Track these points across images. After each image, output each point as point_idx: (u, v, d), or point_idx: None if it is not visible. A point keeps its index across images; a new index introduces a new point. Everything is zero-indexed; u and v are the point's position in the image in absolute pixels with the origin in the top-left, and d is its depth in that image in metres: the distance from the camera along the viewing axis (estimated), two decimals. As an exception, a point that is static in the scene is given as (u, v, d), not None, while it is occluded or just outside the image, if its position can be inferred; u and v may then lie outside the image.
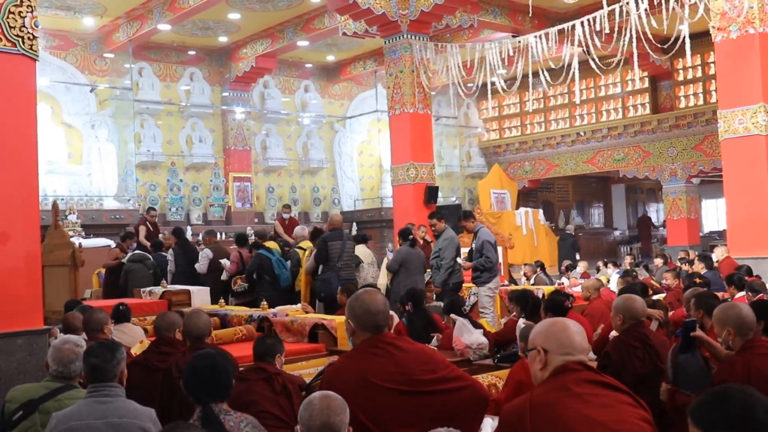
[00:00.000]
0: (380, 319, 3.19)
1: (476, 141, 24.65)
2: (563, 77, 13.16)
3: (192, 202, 19.35)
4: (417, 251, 9.97)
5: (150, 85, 18.98)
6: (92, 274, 12.33)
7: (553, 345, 2.70)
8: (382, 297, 3.28)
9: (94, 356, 3.43)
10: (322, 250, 9.60)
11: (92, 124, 18.04)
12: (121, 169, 18.29)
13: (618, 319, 4.59)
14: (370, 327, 3.18)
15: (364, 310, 3.20)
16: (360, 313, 3.20)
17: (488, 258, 9.09)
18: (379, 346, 3.13)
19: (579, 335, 2.74)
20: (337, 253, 9.62)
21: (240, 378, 4.05)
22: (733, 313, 3.90)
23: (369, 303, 3.20)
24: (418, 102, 15.38)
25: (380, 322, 3.19)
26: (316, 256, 9.69)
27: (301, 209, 21.29)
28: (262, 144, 21.06)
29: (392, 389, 3.02)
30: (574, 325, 2.79)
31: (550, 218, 23.99)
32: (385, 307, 3.23)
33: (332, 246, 9.62)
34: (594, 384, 2.63)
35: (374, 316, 3.18)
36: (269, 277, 9.97)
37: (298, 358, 6.21)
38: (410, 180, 15.50)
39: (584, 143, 21.87)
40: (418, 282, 9.44)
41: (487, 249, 9.11)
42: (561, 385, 2.60)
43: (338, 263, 9.58)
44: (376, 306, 3.20)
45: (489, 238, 9.17)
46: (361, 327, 3.20)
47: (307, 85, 21.97)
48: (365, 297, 3.24)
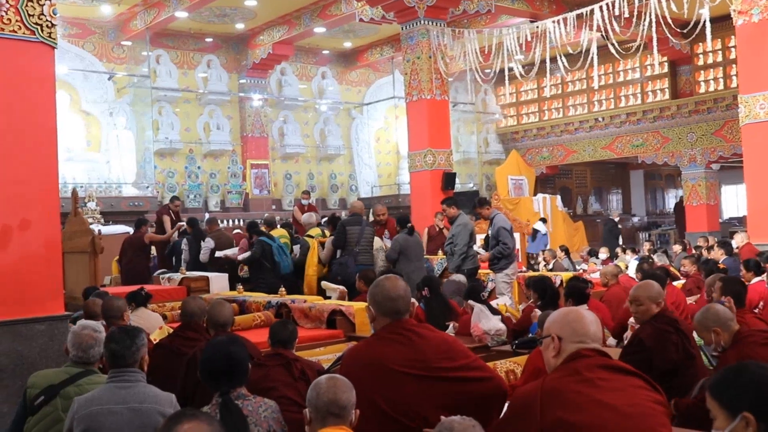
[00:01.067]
0: (401, 304, 3.19)
1: (494, 127, 24.55)
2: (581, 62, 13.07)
3: (210, 189, 19.41)
4: (415, 238, 9.95)
5: (167, 73, 19.03)
6: (112, 260, 12.41)
7: (567, 333, 2.72)
8: (404, 283, 3.27)
9: (114, 342, 3.45)
10: (340, 234, 9.64)
11: (110, 111, 18.12)
12: (140, 157, 18.37)
13: (644, 308, 4.50)
14: (390, 312, 3.18)
15: (384, 295, 3.19)
16: (380, 299, 3.20)
17: (505, 244, 9.07)
18: (399, 332, 3.13)
19: (594, 324, 2.76)
20: (355, 238, 9.65)
21: (258, 364, 4.07)
22: (710, 314, 4.02)
23: (389, 288, 3.20)
24: (436, 88, 15.32)
25: (400, 308, 3.18)
26: (335, 240, 9.73)
27: (319, 196, 21.31)
28: (280, 131, 21.08)
29: (411, 375, 3.02)
30: (589, 314, 2.82)
31: (568, 204, 23.90)
32: (405, 293, 3.22)
33: (351, 231, 9.65)
34: (605, 368, 2.65)
35: (395, 301, 3.18)
36: (269, 264, 10.02)
37: (317, 344, 6.23)
38: (427, 166, 15.46)
39: (602, 129, 21.73)
40: (417, 269, 9.43)
41: (503, 235, 9.09)
42: (572, 371, 2.62)
43: (356, 248, 9.62)
44: (396, 292, 3.19)
45: (504, 224, 9.13)
46: (382, 312, 3.20)
47: (324, 71, 21.94)
48: (386, 283, 3.24)
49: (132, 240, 11.65)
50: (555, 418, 2.49)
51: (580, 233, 21.08)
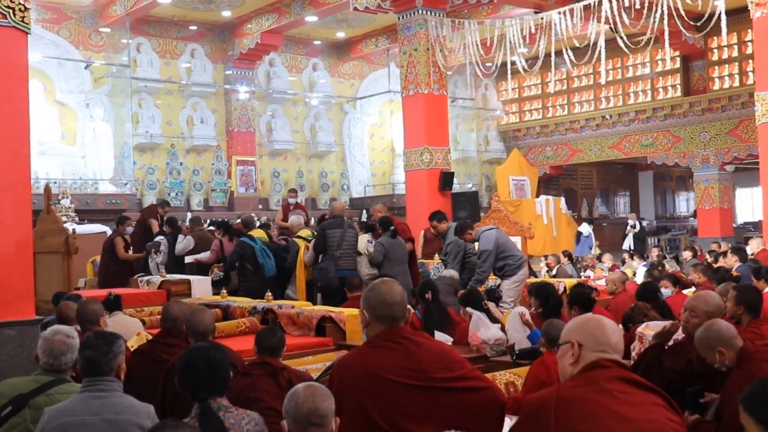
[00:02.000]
0: (396, 310, 3.18)
1: (494, 124, 24.57)
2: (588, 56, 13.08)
3: (192, 186, 19.39)
4: (399, 242, 9.95)
5: (148, 62, 18.99)
6: (86, 262, 12.36)
7: (588, 340, 2.74)
8: (400, 288, 3.26)
9: (89, 348, 3.42)
10: (320, 238, 9.68)
11: (87, 102, 18.07)
12: (118, 151, 18.33)
13: (698, 321, 4.31)
14: (384, 319, 3.17)
15: (379, 300, 3.18)
16: (375, 304, 3.19)
17: (480, 268, 8.96)
18: (393, 340, 3.12)
19: (615, 334, 2.79)
20: (336, 242, 9.69)
21: (243, 373, 4.05)
22: (713, 333, 3.91)
23: (386, 293, 3.19)
24: (433, 82, 15.33)
25: (396, 314, 3.17)
26: (314, 245, 9.79)
27: (308, 195, 21.30)
28: (267, 126, 21.06)
29: (405, 384, 3.01)
30: (611, 324, 2.84)
31: (573, 207, 23.93)
32: (402, 299, 3.21)
33: (331, 234, 9.69)
34: (624, 381, 2.66)
35: (390, 307, 3.17)
36: (252, 266, 10.01)
37: (305, 352, 6.22)
38: (424, 165, 15.46)
39: (610, 127, 21.77)
40: (401, 274, 9.44)
41: (484, 259, 8.99)
42: (590, 380, 2.64)
43: (337, 252, 9.64)
44: (392, 297, 3.18)
45: (487, 245, 9.02)
46: (376, 318, 3.19)
47: (316, 63, 21.93)
48: (382, 287, 3.22)
49: (107, 241, 11.62)
50: (569, 427, 2.50)
51: (585, 237, 21.07)
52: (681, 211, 28.30)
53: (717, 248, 13.90)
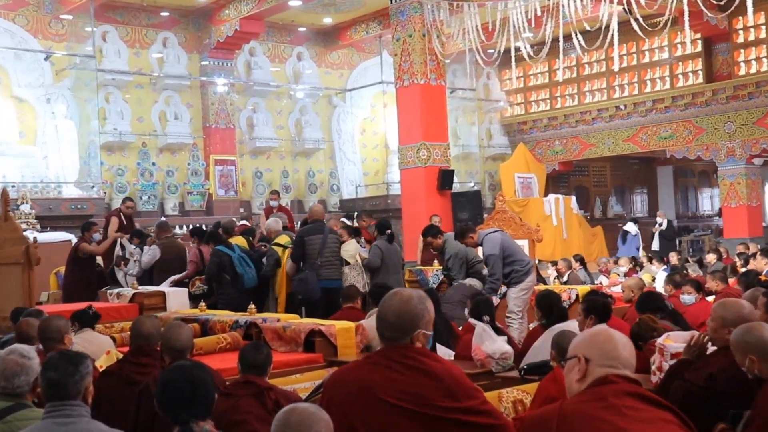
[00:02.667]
0: (403, 326, 3.18)
1: (498, 117, 24.58)
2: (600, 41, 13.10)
3: (167, 189, 19.36)
4: (395, 248, 10.06)
5: (116, 52, 18.95)
6: (49, 273, 12.33)
7: (596, 354, 2.78)
8: (419, 301, 3.25)
9: (53, 370, 3.41)
10: (297, 246, 9.70)
11: (48, 97, 18.03)
12: (83, 151, 18.29)
13: (727, 333, 4.23)
14: (386, 334, 3.21)
15: (383, 312, 3.21)
16: (379, 316, 3.23)
17: (493, 275, 8.95)
18: (395, 359, 3.12)
19: (626, 349, 2.82)
20: (316, 250, 9.72)
21: (226, 393, 4.05)
22: (753, 338, 3.89)
23: (394, 306, 3.21)
24: (430, 72, 15.35)
25: (403, 329, 3.18)
26: (292, 254, 9.80)
27: (294, 197, 21.28)
28: (249, 121, 21.05)
29: (403, 408, 3.01)
30: (622, 337, 2.87)
31: (585, 206, 23.97)
32: (411, 314, 3.20)
33: (310, 241, 9.71)
34: (634, 397, 2.69)
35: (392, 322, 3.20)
36: (229, 276, 10.02)
37: (292, 370, 6.21)
38: (421, 163, 15.48)
39: (625, 118, 21.81)
40: (396, 282, 9.47)
41: (492, 264, 8.99)
42: (597, 396, 2.67)
43: (318, 260, 9.65)
44: (400, 310, 3.19)
45: (493, 249, 9.03)
46: (379, 332, 3.22)
47: (301, 52, 21.93)
48: (394, 298, 3.24)
49: (71, 250, 11.60)
50: None
51: (599, 240, 21.13)
52: (704, 210, 28.33)
53: (745, 250, 13.94)
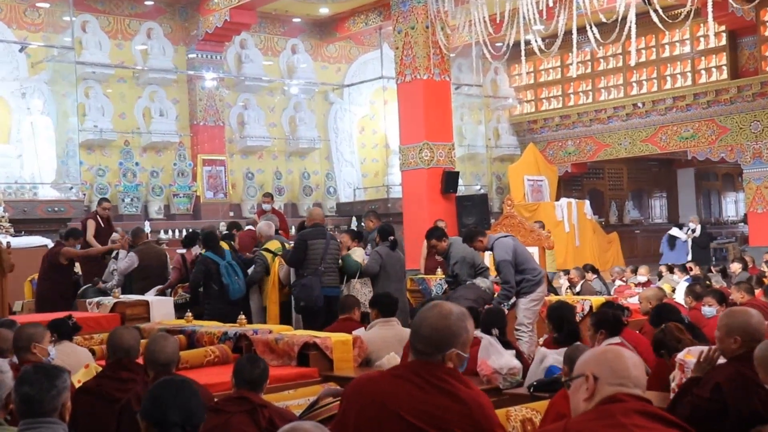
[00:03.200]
0: (439, 341, 3.20)
1: (506, 115, 24.60)
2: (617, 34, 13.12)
3: (151, 191, 19.35)
4: (398, 255, 10.06)
5: (96, 44, 18.96)
6: (24, 281, 12.33)
7: (605, 372, 2.81)
8: (458, 315, 3.26)
9: (27, 384, 3.41)
10: (299, 250, 9.67)
11: (23, 92, 18.01)
12: (61, 150, 18.27)
13: (732, 342, 4.36)
14: (417, 348, 3.24)
15: (418, 323, 3.24)
16: (415, 327, 3.26)
17: (507, 283, 8.93)
18: (422, 375, 3.15)
19: (637, 368, 2.86)
20: (319, 255, 9.71)
21: (216, 409, 4.05)
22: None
23: (431, 319, 3.22)
24: (434, 66, 15.37)
25: (437, 346, 3.20)
26: (291, 257, 9.77)
27: (288, 200, 21.29)
28: (239, 119, 21.06)
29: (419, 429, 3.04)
30: (632, 356, 2.92)
31: (599, 211, 23.97)
32: (451, 330, 3.21)
33: (313, 245, 9.71)
34: (644, 415, 2.72)
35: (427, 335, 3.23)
36: (216, 286, 10.03)
37: (285, 385, 6.21)
38: (424, 164, 15.50)
39: (642, 117, 21.82)
40: (397, 291, 9.47)
41: (504, 271, 8.97)
42: (604, 414, 2.70)
43: (321, 266, 9.65)
44: (437, 324, 3.21)
45: (505, 255, 9.02)
46: (412, 345, 3.26)
47: (295, 44, 21.94)
48: (432, 311, 3.26)
49: (46, 256, 11.60)
50: None
51: (614, 247, 21.15)
52: (728, 216, 28.36)
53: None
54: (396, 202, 19.69)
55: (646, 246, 24.01)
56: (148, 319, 9.25)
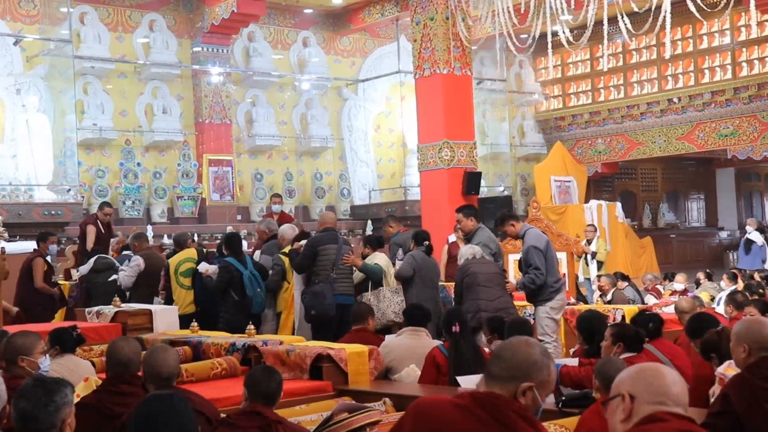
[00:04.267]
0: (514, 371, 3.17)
1: (532, 111, 24.57)
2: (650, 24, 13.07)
3: (153, 193, 19.40)
4: (433, 261, 10.09)
5: (95, 37, 19.01)
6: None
7: (642, 390, 2.80)
8: (543, 353, 3.22)
9: (25, 399, 3.41)
10: (308, 255, 9.70)
11: (18, 88, 18.06)
12: (58, 150, 18.33)
13: (741, 351, 4.45)
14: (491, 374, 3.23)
15: (501, 347, 3.26)
16: (497, 351, 3.27)
17: (537, 269, 8.92)
18: (488, 409, 3.05)
19: (677, 384, 2.84)
20: (331, 261, 9.73)
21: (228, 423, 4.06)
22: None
23: (514, 344, 3.23)
24: (455, 60, 15.37)
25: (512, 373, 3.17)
26: (298, 262, 9.78)
27: (299, 202, 21.30)
28: (247, 116, 21.10)
29: None
30: (672, 372, 2.90)
31: (632, 214, 23.90)
32: (532, 360, 3.16)
33: (325, 251, 9.73)
34: None
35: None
36: (238, 297, 10.05)
37: (297, 399, 6.21)
38: (444, 164, 15.49)
39: (678, 113, 21.74)
40: (432, 300, 9.49)
41: (533, 258, 8.92)
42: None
43: (333, 273, 9.67)
44: (519, 350, 3.19)
45: (537, 242, 8.97)
46: (487, 369, 3.25)
47: (307, 37, 21.97)
48: (519, 338, 3.26)
49: (24, 263, 11.63)
50: None
51: (648, 253, 21.08)
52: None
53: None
54: (414, 204, 19.68)
55: (682, 251, 23.95)
56: (151, 329, 9.26)
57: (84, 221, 13.30)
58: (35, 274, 11.35)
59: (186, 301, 10.66)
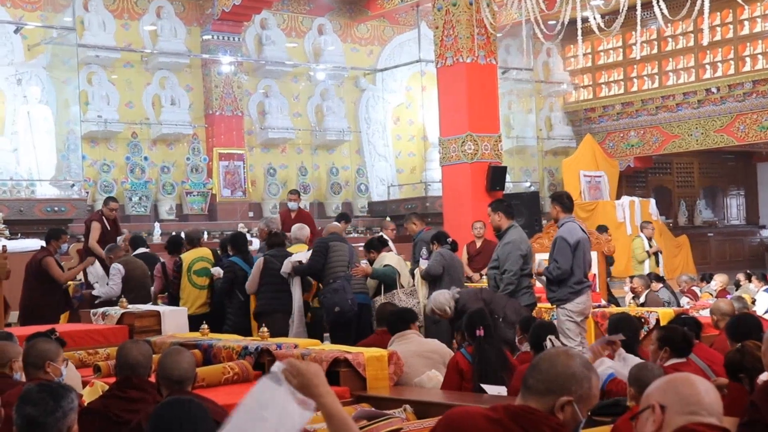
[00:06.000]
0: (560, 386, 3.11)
1: (560, 102, 24.52)
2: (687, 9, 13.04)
3: (161, 189, 19.44)
4: (459, 259, 10.22)
5: (100, 24, 19.05)
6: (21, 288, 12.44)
7: (673, 400, 2.81)
8: (584, 365, 3.16)
9: (30, 404, 3.44)
10: (320, 253, 9.74)
11: (18, 78, 18.12)
12: (61, 143, 18.40)
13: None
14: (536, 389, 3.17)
15: (539, 358, 3.21)
16: (535, 362, 3.22)
17: (555, 262, 8.84)
18: (523, 424, 3.02)
19: (710, 393, 2.85)
20: (344, 258, 9.83)
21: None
22: None
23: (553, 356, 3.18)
24: (479, 48, 15.34)
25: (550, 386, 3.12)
26: (312, 262, 9.81)
27: (314, 199, 21.32)
28: (259, 108, 21.13)
29: None
30: (703, 381, 2.91)
31: (667, 212, 23.83)
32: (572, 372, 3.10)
33: (336, 248, 9.80)
34: None
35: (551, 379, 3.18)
36: (243, 298, 10.10)
37: (312, 407, 6.22)
38: (467, 158, 15.47)
39: (717, 104, 21.65)
40: None
41: (559, 250, 8.83)
42: None
43: (348, 270, 9.77)
44: (558, 362, 3.14)
45: (568, 235, 8.83)
46: (524, 380, 3.19)
47: (322, 24, 21.98)
48: (559, 350, 3.32)
49: (31, 262, 11.68)
50: None
51: (684, 252, 21.00)
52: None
53: None
54: (435, 201, 19.66)
55: (720, 251, 23.85)
56: (160, 331, 9.29)
57: (89, 218, 13.35)
58: (53, 272, 11.39)
59: (197, 302, 10.70)
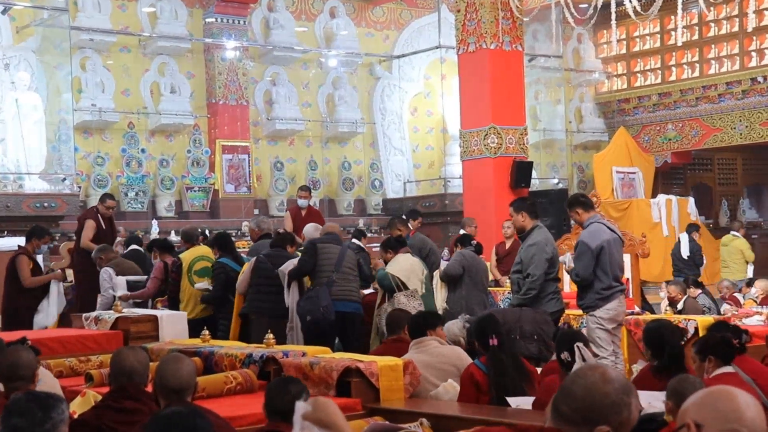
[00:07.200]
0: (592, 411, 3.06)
1: (592, 92, 24.48)
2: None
3: (159, 183, 19.48)
4: (483, 262, 10.19)
5: (94, 6, 19.05)
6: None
7: (709, 417, 2.79)
8: (623, 390, 3.10)
9: (17, 415, 3.47)
10: (309, 254, 9.82)
11: (6, 63, 18.14)
12: (52, 133, 18.45)
13: None
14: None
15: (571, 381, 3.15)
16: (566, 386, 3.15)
17: (575, 271, 8.83)
18: None
19: (752, 408, 2.83)
20: (332, 261, 9.83)
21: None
22: None
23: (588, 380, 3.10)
24: (503, 33, 15.32)
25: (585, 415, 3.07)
26: (301, 263, 9.92)
27: (324, 195, 21.34)
28: (266, 96, 21.16)
29: None
30: (743, 394, 2.88)
31: (707, 212, 23.75)
32: (610, 400, 3.06)
33: (325, 250, 9.85)
34: None
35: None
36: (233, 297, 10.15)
37: (322, 420, 6.21)
38: (490, 152, 15.45)
39: (763, 95, 21.57)
40: (480, 304, 9.50)
41: (580, 254, 8.81)
42: None
43: (334, 275, 9.75)
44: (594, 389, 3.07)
45: (589, 239, 8.80)
46: (554, 406, 3.14)
47: (334, 7, 21.99)
48: (594, 372, 3.14)
49: (9, 261, 11.72)
50: None
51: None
52: None
53: None
54: (455, 198, 19.65)
55: (765, 254, 23.71)
56: (157, 337, 9.31)
57: (83, 215, 13.36)
58: (20, 272, 11.42)
59: (199, 305, 10.73)
